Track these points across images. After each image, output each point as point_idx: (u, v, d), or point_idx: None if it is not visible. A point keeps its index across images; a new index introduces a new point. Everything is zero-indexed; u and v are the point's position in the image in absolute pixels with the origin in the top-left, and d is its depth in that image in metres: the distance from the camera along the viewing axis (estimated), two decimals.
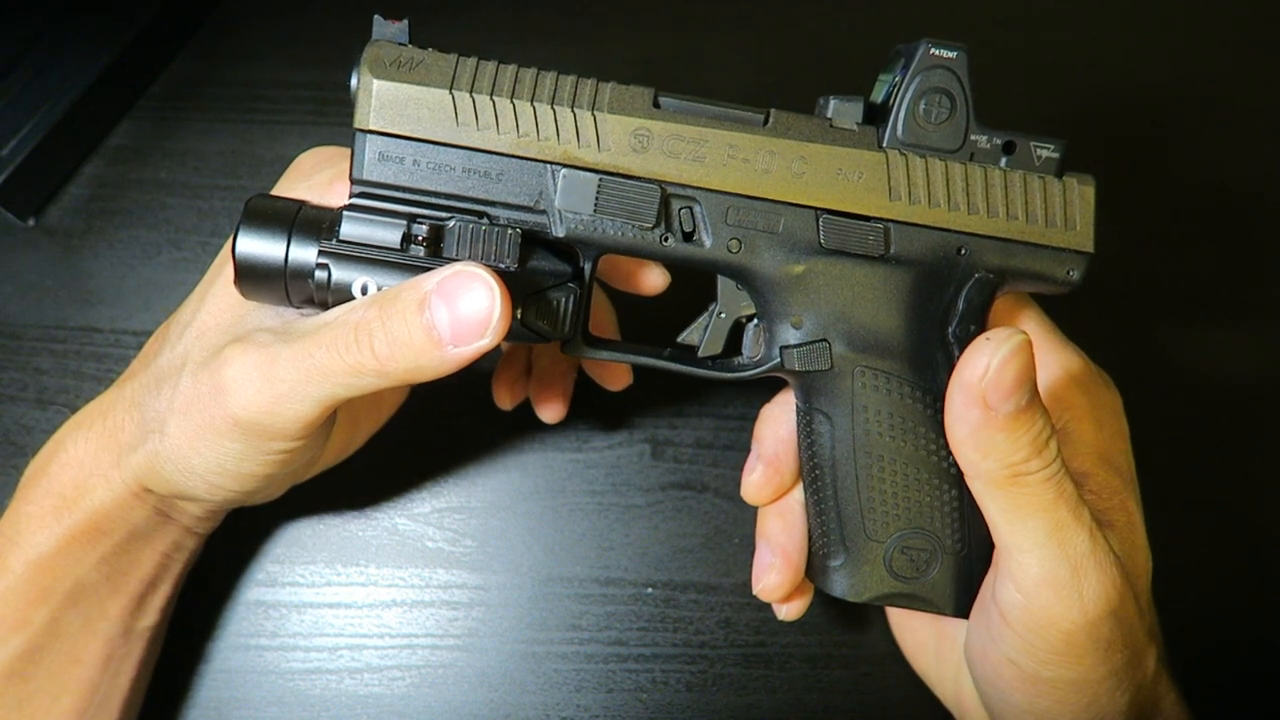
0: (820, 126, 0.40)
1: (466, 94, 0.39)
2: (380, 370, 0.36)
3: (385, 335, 0.36)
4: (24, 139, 0.55)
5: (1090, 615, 0.38)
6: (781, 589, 0.45)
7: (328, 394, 0.37)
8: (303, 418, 0.38)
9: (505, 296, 0.36)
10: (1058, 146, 0.41)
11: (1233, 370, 0.58)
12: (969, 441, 0.38)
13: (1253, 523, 0.56)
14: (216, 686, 0.51)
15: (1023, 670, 0.40)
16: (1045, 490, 0.38)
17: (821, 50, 0.62)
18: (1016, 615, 0.39)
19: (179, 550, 0.46)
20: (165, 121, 0.59)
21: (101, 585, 0.43)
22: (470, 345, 0.36)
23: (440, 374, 0.37)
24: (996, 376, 0.36)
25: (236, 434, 0.38)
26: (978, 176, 0.40)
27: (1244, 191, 0.61)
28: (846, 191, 0.40)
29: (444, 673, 0.51)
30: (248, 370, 0.38)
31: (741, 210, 0.40)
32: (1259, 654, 0.54)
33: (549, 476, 0.54)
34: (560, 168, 0.39)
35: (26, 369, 0.55)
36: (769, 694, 0.52)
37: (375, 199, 0.39)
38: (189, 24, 0.62)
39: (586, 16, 0.62)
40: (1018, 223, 0.41)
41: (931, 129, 0.40)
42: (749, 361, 0.43)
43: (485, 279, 0.36)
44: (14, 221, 0.57)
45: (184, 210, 0.57)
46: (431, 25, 0.60)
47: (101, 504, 0.42)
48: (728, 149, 0.40)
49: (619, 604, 0.53)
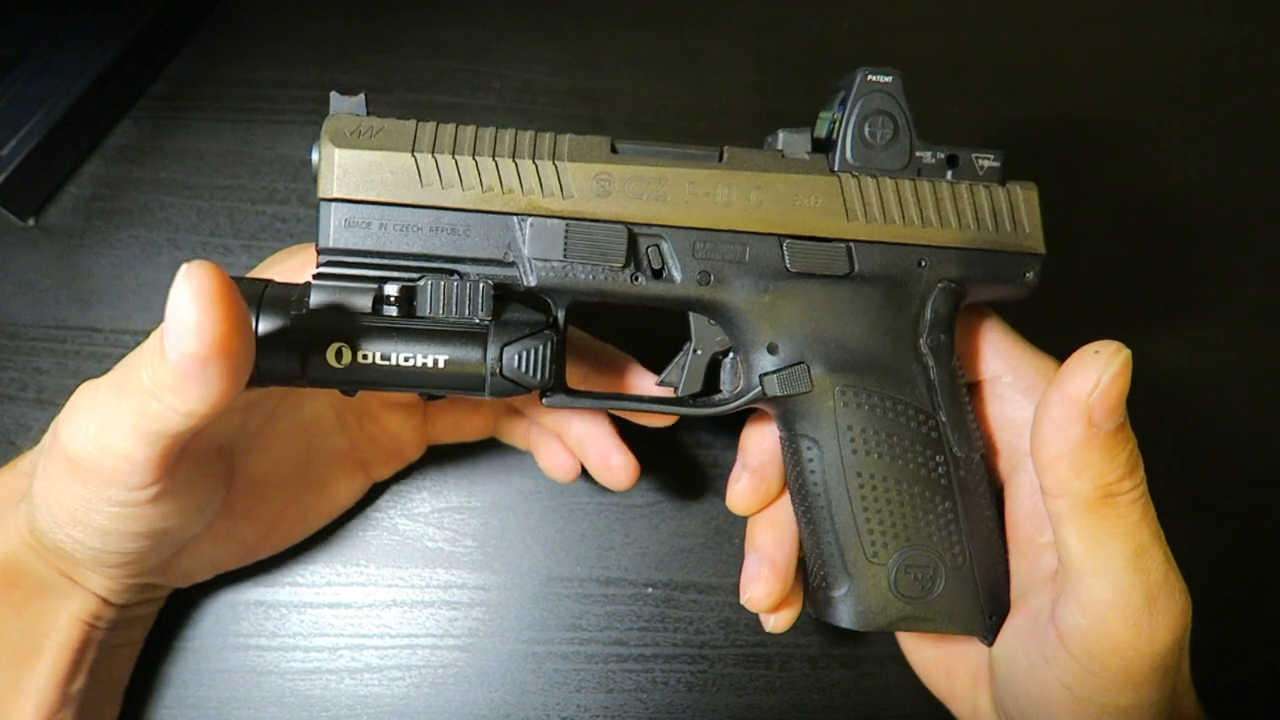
0: (773, 158, 0.42)
1: (429, 155, 0.39)
2: (151, 392, 0.34)
3: (146, 349, 0.34)
4: (24, 139, 0.55)
5: (1158, 646, 0.37)
6: (769, 599, 0.44)
7: (135, 425, 0.34)
8: (128, 455, 0.35)
9: (211, 288, 0.32)
10: (997, 156, 0.43)
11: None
12: (1065, 459, 0.37)
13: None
14: (216, 686, 0.51)
15: (1075, 695, 0.38)
16: (1131, 512, 0.37)
17: (821, 50, 0.62)
18: (1078, 640, 0.38)
19: (100, 620, 0.44)
20: (165, 121, 0.59)
21: (24, 641, 0.42)
22: (178, 347, 0.32)
23: (187, 391, 0.33)
24: (1105, 392, 0.35)
25: (73, 474, 0.36)
26: (927, 191, 0.42)
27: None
28: (805, 216, 0.41)
29: (444, 673, 0.51)
30: (78, 400, 0.37)
31: (708, 243, 0.41)
32: (1237, 657, 0.54)
33: (549, 476, 0.54)
34: (527, 217, 0.40)
35: (26, 369, 0.55)
36: (769, 694, 0.52)
37: (344, 266, 0.39)
38: (189, 24, 0.62)
39: (587, 16, 0.62)
40: (970, 231, 0.42)
41: (878, 150, 0.42)
42: (729, 395, 0.44)
43: (183, 276, 0.32)
44: (14, 221, 0.57)
45: (184, 210, 0.57)
46: (432, 27, 0.60)
47: (4, 552, 0.41)
48: (688, 185, 0.41)
49: (619, 604, 0.53)
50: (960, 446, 0.42)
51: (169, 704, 0.50)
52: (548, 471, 0.49)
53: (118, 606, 0.44)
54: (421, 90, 0.59)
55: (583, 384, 0.48)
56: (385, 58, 0.60)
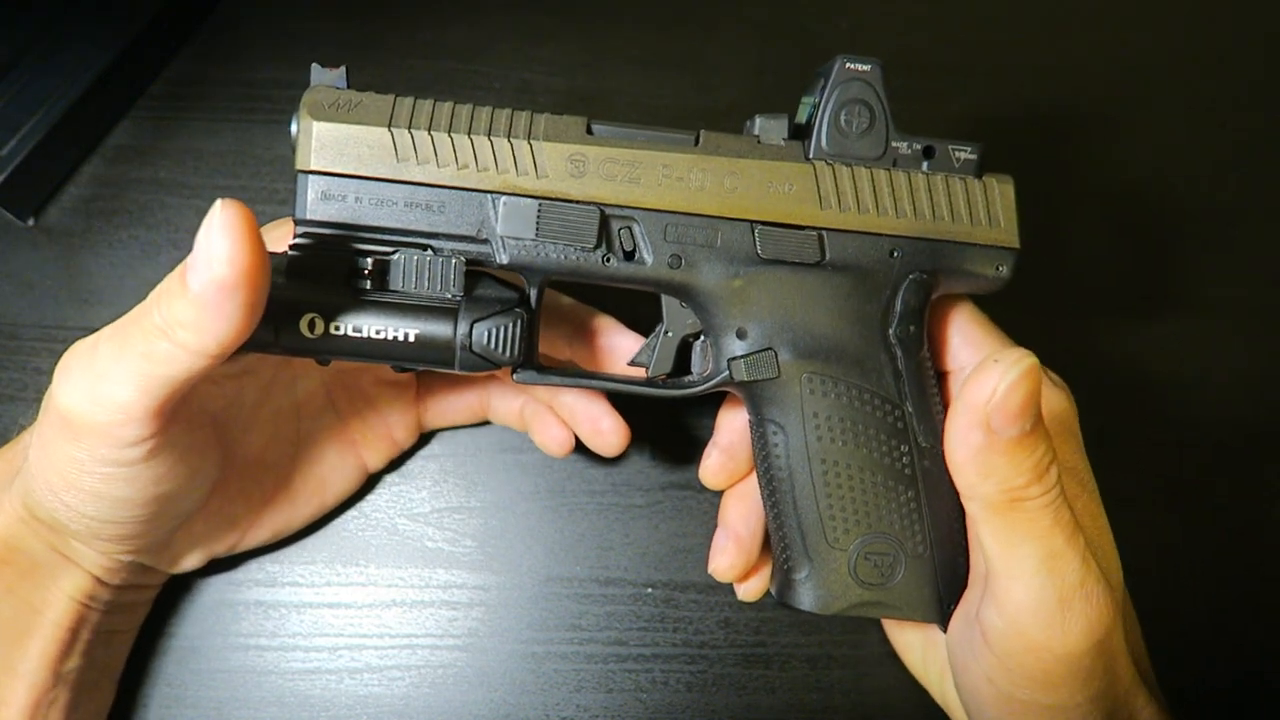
0: (749, 144, 0.42)
1: (405, 130, 0.40)
2: (163, 329, 0.34)
3: (159, 291, 0.35)
4: (24, 139, 0.55)
5: (1071, 648, 0.37)
6: (733, 570, 0.46)
7: (138, 370, 0.35)
8: (125, 405, 0.35)
9: (243, 222, 0.33)
10: (975, 149, 0.43)
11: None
12: (970, 464, 0.38)
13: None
14: (216, 686, 0.51)
15: (998, 690, 0.40)
16: (1042, 516, 0.37)
17: (821, 50, 0.62)
18: (996, 639, 0.39)
19: (94, 600, 0.44)
20: (165, 121, 0.59)
21: (15, 621, 0.42)
22: (205, 275, 0.33)
23: (205, 326, 0.34)
24: (1003, 400, 0.36)
25: (67, 433, 0.37)
26: (902, 181, 0.42)
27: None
28: (778, 203, 0.41)
29: (444, 673, 0.51)
30: (69, 360, 0.37)
31: (679, 227, 0.41)
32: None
33: (549, 476, 0.54)
34: (501, 196, 0.40)
35: (26, 369, 0.55)
36: (769, 694, 0.52)
37: (319, 238, 0.40)
38: (189, 24, 0.62)
39: (586, 16, 0.62)
40: (944, 223, 0.42)
41: (854, 139, 0.42)
42: (698, 378, 0.44)
43: (218, 209, 0.33)
44: (14, 221, 0.57)
45: (184, 210, 0.57)
46: (432, 27, 0.60)
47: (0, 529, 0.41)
48: (661, 169, 0.41)
49: (619, 604, 0.53)
50: (926, 437, 0.42)
51: (169, 703, 0.50)
52: (543, 447, 0.49)
53: (112, 587, 0.45)
54: (422, 90, 0.59)
55: (567, 348, 0.48)
56: (385, 58, 0.60)
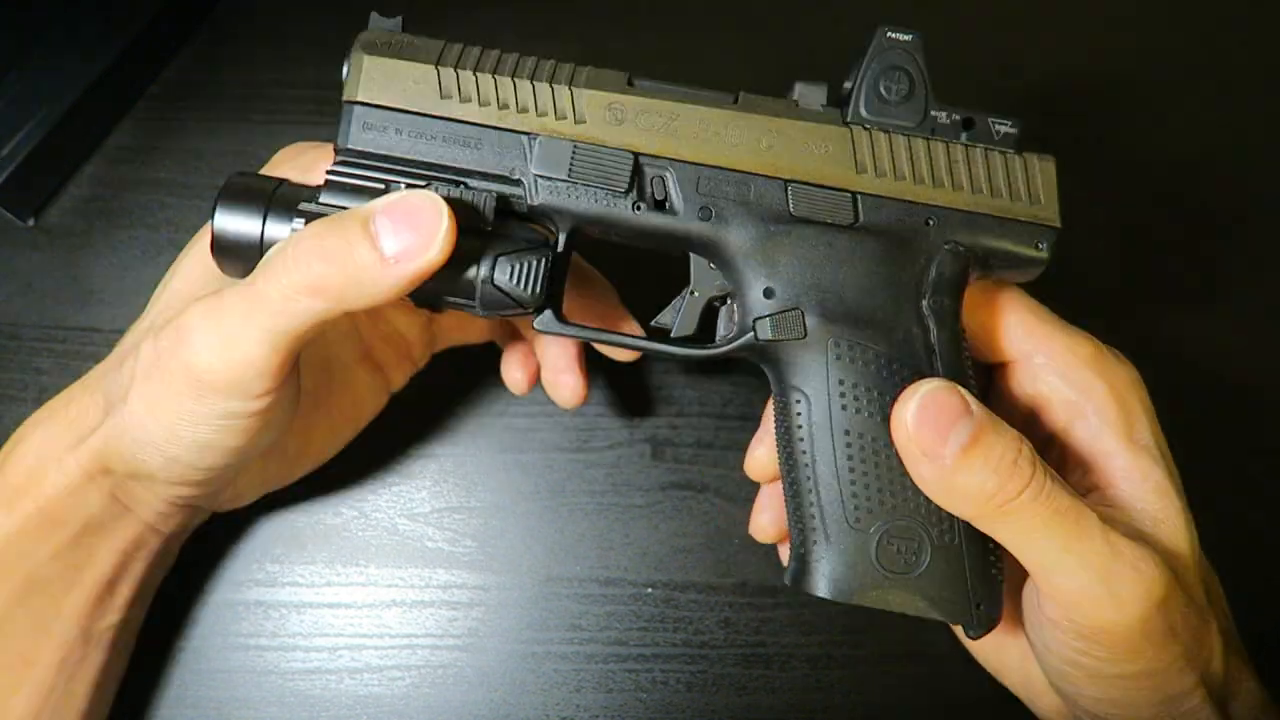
0: (788, 105, 0.42)
1: (451, 69, 0.40)
2: (316, 287, 0.36)
3: (321, 251, 0.36)
4: (24, 139, 0.55)
5: (1132, 616, 0.37)
6: (775, 526, 0.47)
7: (272, 326, 0.36)
8: (254, 361, 0.37)
9: (451, 213, 0.36)
10: (1015, 123, 0.42)
11: (1208, 355, 0.58)
12: (939, 496, 0.38)
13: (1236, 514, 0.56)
14: (216, 686, 0.51)
15: (1086, 670, 0.39)
16: (1036, 511, 0.37)
17: (822, 50, 0.62)
18: (1065, 626, 0.39)
19: (140, 549, 0.45)
20: (165, 121, 0.59)
21: (55, 581, 0.42)
22: (415, 260, 0.36)
23: (384, 293, 0.36)
24: (917, 431, 0.37)
25: (191, 388, 0.38)
26: (940, 151, 0.42)
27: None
28: (813, 164, 0.41)
29: (444, 673, 0.51)
30: (199, 314, 0.38)
31: (713, 180, 0.41)
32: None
33: (549, 476, 0.54)
34: (537, 136, 0.40)
35: (26, 369, 0.55)
36: (769, 694, 0.52)
37: (357, 168, 0.40)
38: (189, 24, 0.62)
39: (586, 16, 0.62)
40: (982, 196, 0.42)
41: (893, 106, 0.42)
42: (722, 340, 0.43)
43: (431, 195, 0.36)
44: (14, 221, 0.57)
45: (184, 210, 0.57)
46: (432, 24, 0.60)
47: (55, 490, 0.41)
48: (699, 123, 0.41)
49: (619, 604, 0.53)
50: None
51: (169, 704, 0.50)
52: (505, 379, 0.50)
53: (160, 534, 0.45)
54: None
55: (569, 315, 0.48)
56: None
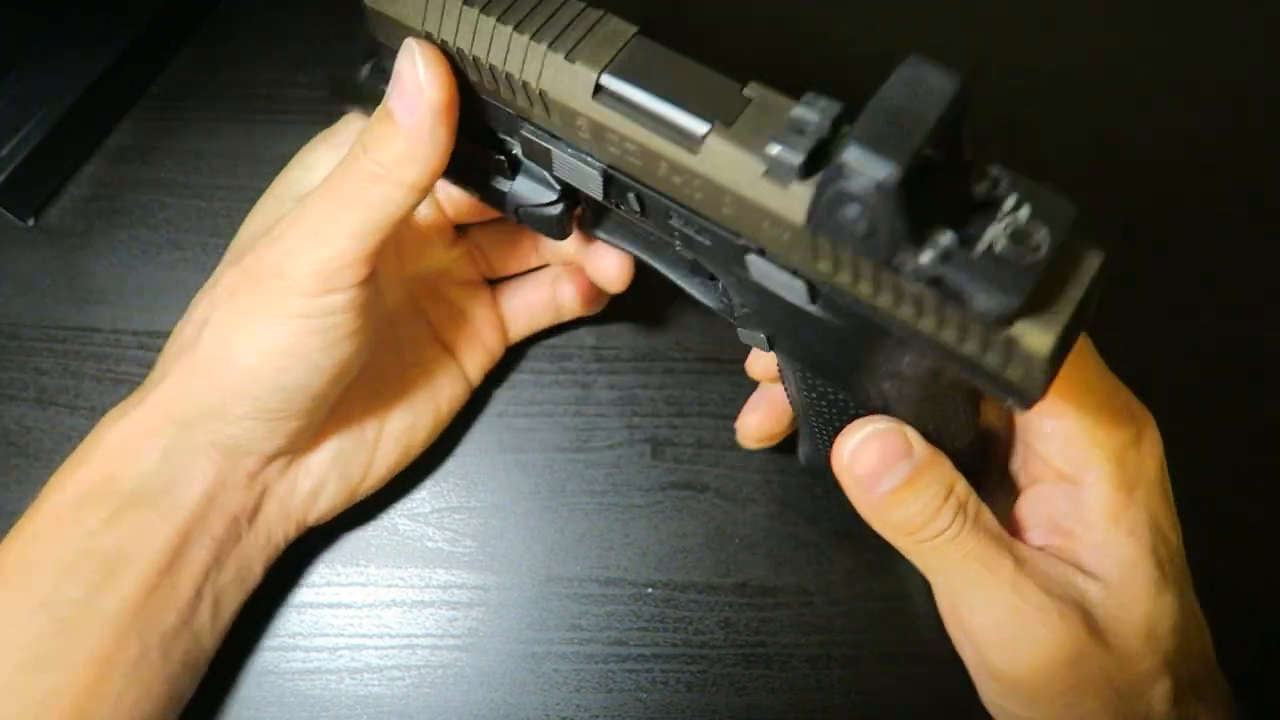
0: (754, 170, 0.33)
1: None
2: (377, 174, 0.37)
3: (363, 144, 0.38)
4: (24, 139, 0.55)
5: (1034, 664, 0.38)
6: (762, 429, 0.49)
7: (354, 219, 0.38)
8: (342, 254, 0.38)
9: (438, 53, 0.37)
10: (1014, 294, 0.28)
11: (1208, 355, 0.58)
12: (868, 519, 0.40)
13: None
14: (216, 686, 0.51)
15: (1006, 712, 0.42)
16: (951, 551, 0.39)
17: (822, 50, 0.62)
18: (974, 663, 0.42)
19: (202, 531, 0.43)
20: (165, 121, 0.59)
21: (114, 554, 0.41)
22: (416, 105, 0.37)
23: (420, 155, 0.37)
24: (851, 464, 0.39)
25: (279, 290, 0.39)
26: (905, 287, 0.31)
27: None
28: (772, 244, 0.34)
29: (444, 673, 0.51)
30: (288, 222, 0.40)
31: (680, 215, 0.37)
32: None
33: (549, 476, 0.54)
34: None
35: (26, 369, 0.55)
36: (769, 694, 0.52)
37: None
38: (189, 24, 0.62)
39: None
40: (950, 340, 0.32)
41: (848, 238, 0.31)
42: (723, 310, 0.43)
43: (413, 47, 0.36)
44: (14, 221, 0.57)
45: (184, 210, 0.57)
46: None
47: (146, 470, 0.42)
48: (664, 164, 0.35)
49: (619, 604, 0.53)
50: None
51: None
52: (594, 274, 0.49)
53: (231, 515, 0.44)
54: None
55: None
56: None
